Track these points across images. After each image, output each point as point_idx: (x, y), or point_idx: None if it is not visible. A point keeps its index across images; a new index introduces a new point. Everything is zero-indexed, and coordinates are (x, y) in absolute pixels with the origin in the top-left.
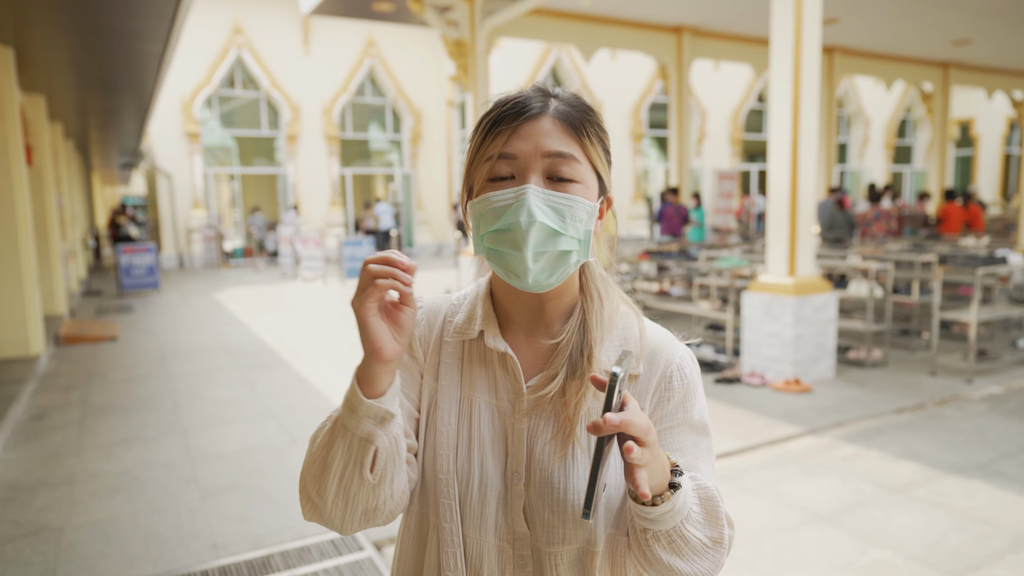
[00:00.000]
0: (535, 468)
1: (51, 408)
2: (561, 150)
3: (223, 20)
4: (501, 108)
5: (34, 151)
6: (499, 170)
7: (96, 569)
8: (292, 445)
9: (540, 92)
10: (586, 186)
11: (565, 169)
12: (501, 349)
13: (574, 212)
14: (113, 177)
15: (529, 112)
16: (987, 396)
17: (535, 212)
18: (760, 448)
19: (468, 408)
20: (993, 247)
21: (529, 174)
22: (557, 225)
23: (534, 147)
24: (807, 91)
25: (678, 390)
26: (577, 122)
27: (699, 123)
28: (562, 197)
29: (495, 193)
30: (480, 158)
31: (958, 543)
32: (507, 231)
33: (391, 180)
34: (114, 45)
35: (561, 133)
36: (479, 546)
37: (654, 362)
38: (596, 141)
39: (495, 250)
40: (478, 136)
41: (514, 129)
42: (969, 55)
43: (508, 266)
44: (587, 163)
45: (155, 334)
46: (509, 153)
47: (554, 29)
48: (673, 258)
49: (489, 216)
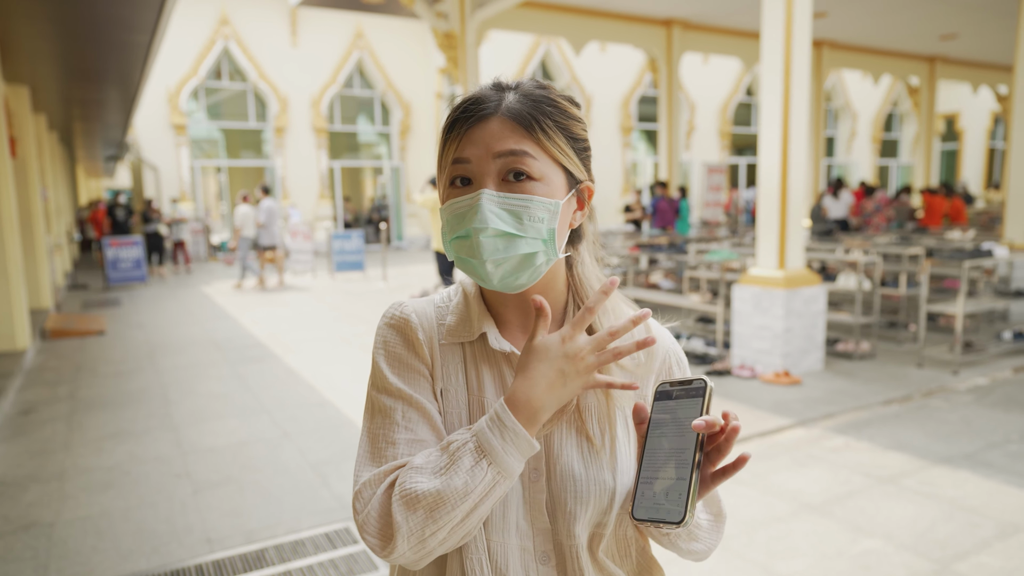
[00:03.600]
0: (554, 463)
1: (39, 403)
2: (512, 148)
3: (209, 11)
4: (456, 111)
5: (18, 143)
6: (456, 173)
7: (89, 564)
8: (284, 439)
9: (496, 89)
10: (546, 182)
11: (521, 166)
12: (507, 349)
13: (531, 212)
14: (98, 169)
15: (480, 113)
16: (973, 387)
17: (488, 218)
18: (751, 440)
19: (480, 411)
20: (979, 240)
21: (484, 178)
22: (514, 228)
23: (484, 149)
24: (797, 84)
25: (677, 373)
26: (528, 118)
27: (688, 116)
28: (517, 198)
29: (454, 200)
30: (443, 164)
31: (946, 532)
32: (466, 238)
33: (380, 173)
34: (100, 35)
35: (511, 132)
36: (503, 548)
37: (653, 355)
38: (554, 132)
39: (460, 258)
40: (440, 141)
41: (464, 133)
42: (955, 49)
43: (473, 272)
44: (546, 157)
45: (143, 328)
46: (462, 158)
47: (544, 21)
48: (663, 251)
49: (452, 223)
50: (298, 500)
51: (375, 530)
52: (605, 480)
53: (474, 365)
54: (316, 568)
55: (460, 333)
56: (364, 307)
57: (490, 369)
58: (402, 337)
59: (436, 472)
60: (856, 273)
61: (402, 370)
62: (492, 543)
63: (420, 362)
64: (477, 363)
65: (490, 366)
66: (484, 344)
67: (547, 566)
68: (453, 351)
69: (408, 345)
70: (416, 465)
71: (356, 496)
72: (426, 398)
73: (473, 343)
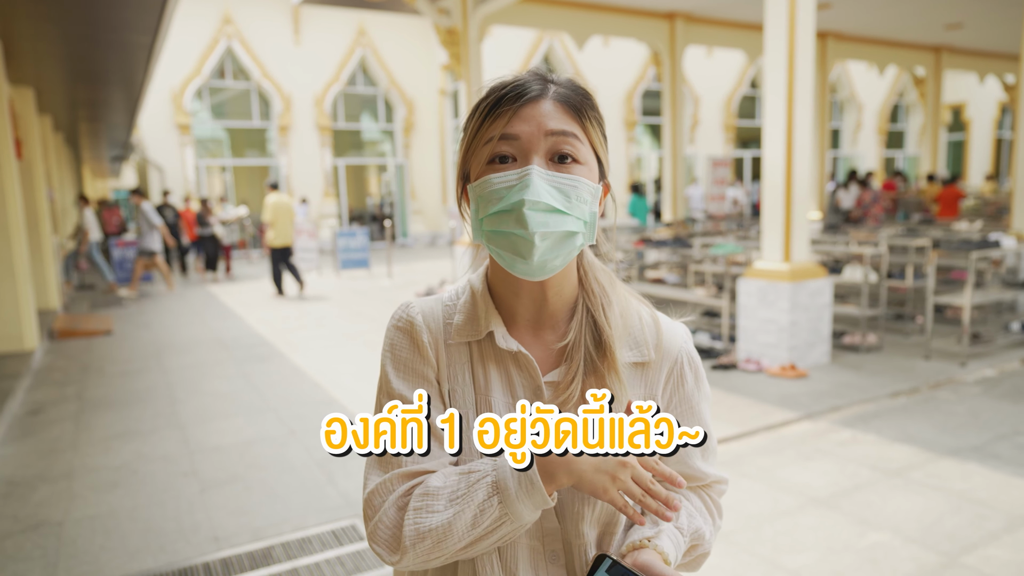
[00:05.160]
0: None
1: (47, 403)
2: (564, 128)
3: (212, 11)
4: (500, 91)
5: (23, 144)
6: (501, 150)
7: (97, 563)
8: (290, 437)
9: (538, 76)
10: (589, 168)
11: (568, 148)
12: (514, 348)
13: (579, 192)
14: (104, 170)
15: (529, 94)
16: (981, 379)
17: (540, 192)
18: (757, 434)
19: (487, 410)
20: (986, 231)
21: (532, 154)
22: (562, 205)
23: (537, 127)
24: (801, 76)
25: (689, 374)
26: (578, 104)
27: (692, 110)
28: (566, 178)
29: (497, 175)
30: (479, 141)
31: (954, 525)
32: (510, 211)
33: (384, 170)
34: (103, 36)
35: (563, 114)
36: (512, 548)
37: (662, 349)
38: (596, 125)
39: (498, 232)
40: (476, 120)
41: (515, 110)
42: (961, 39)
43: (513, 247)
44: (588, 144)
45: (150, 327)
46: (511, 134)
47: (547, 16)
48: (668, 245)
49: (491, 198)
50: (304, 498)
51: (384, 543)
52: None
53: (481, 364)
54: (323, 565)
55: (467, 332)
56: (369, 305)
57: (497, 368)
58: (408, 340)
59: (451, 500)
60: (862, 265)
61: (407, 375)
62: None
63: (426, 365)
64: (484, 362)
65: (497, 365)
66: (491, 343)
67: (556, 565)
68: (460, 350)
69: (414, 349)
70: (432, 489)
71: (366, 503)
72: (433, 406)
73: (481, 342)
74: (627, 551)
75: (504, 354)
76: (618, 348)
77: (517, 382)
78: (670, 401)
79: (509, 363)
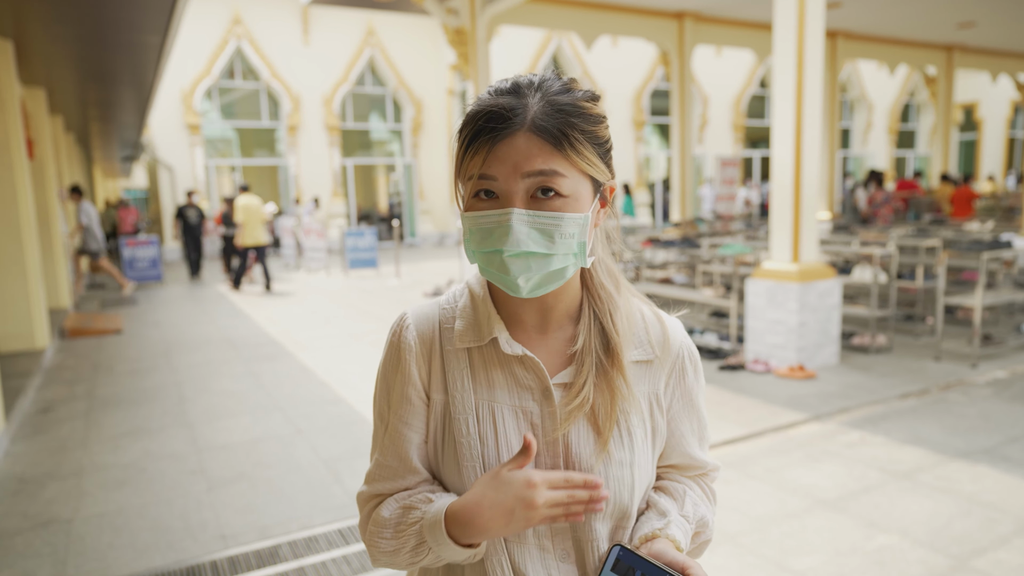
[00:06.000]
0: (572, 462)
1: (57, 401)
2: (542, 168)
3: (222, 11)
4: (476, 122)
5: (35, 144)
6: (482, 186)
7: (106, 560)
8: (297, 436)
9: (516, 94)
10: (575, 197)
11: (549, 184)
12: (519, 353)
13: (563, 229)
14: (114, 170)
15: (506, 129)
16: (992, 381)
17: (520, 240)
18: (765, 435)
19: (489, 415)
20: (997, 231)
21: (512, 196)
22: (545, 248)
23: (512, 168)
24: (811, 75)
25: (689, 367)
26: (557, 132)
27: (701, 110)
28: (548, 216)
29: (480, 213)
30: (463, 174)
31: (964, 528)
32: (495, 255)
33: (392, 170)
34: (113, 37)
35: (539, 150)
36: (521, 550)
37: (666, 347)
38: (582, 145)
39: (487, 270)
40: (459, 149)
41: (491, 149)
42: (973, 38)
43: (501, 282)
44: (575, 172)
45: (159, 326)
46: (488, 175)
47: (555, 16)
48: (677, 246)
49: (478, 235)
50: (311, 497)
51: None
52: (623, 476)
53: (483, 369)
54: (329, 564)
55: (469, 338)
56: (377, 304)
57: (502, 371)
58: (397, 361)
59: (394, 536)
60: (872, 266)
61: (389, 392)
62: (510, 544)
63: (411, 387)
64: (487, 367)
65: (502, 369)
66: (495, 348)
67: (567, 563)
68: (459, 356)
69: (401, 369)
70: (381, 520)
71: (357, 505)
72: (406, 423)
73: (483, 347)
74: (640, 543)
75: (509, 357)
76: (626, 352)
77: (524, 384)
78: (672, 395)
79: (515, 365)
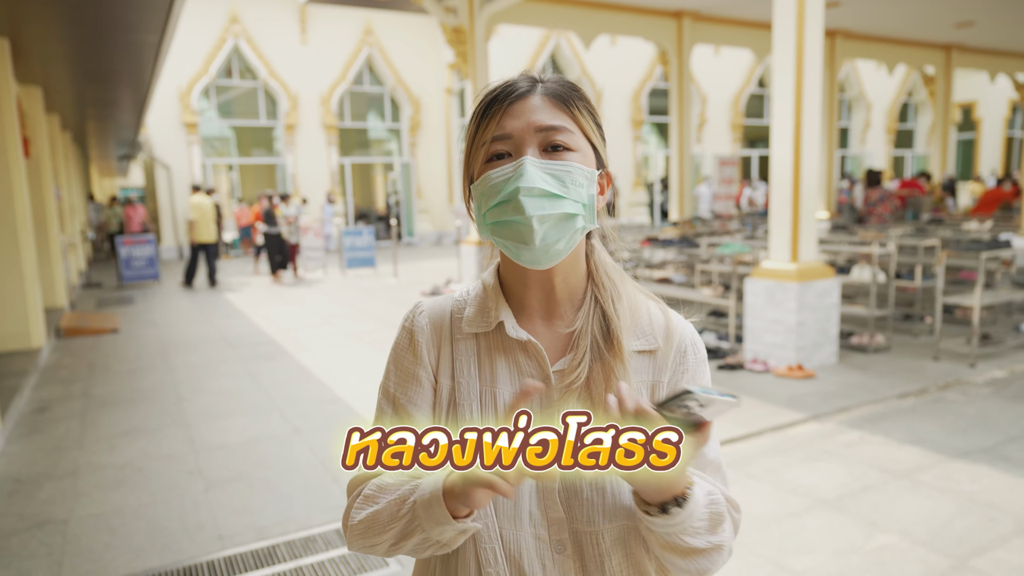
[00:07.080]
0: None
1: (53, 401)
2: (553, 123)
3: (219, 10)
4: (491, 94)
5: (31, 143)
6: (496, 149)
7: (102, 561)
8: (295, 436)
9: (527, 77)
10: (583, 154)
11: (559, 138)
12: (523, 338)
13: (573, 177)
14: (111, 169)
15: (517, 92)
16: (991, 380)
17: (534, 179)
18: (764, 434)
19: (492, 401)
20: (996, 231)
21: (525, 148)
22: (557, 189)
23: (526, 123)
24: (810, 75)
25: (692, 362)
26: (565, 96)
27: (699, 109)
28: (559, 164)
29: (494, 171)
30: (477, 144)
31: (963, 527)
32: (508, 201)
33: (390, 169)
34: (110, 35)
35: (551, 107)
36: (516, 538)
37: (670, 338)
38: (586, 114)
39: (499, 222)
40: (472, 126)
41: (505, 109)
42: (972, 37)
43: (515, 234)
44: (580, 133)
45: (156, 326)
46: (503, 133)
47: (553, 15)
48: (675, 245)
49: (490, 192)
50: (309, 497)
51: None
52: None
53: (488, 356)
54: (327, 564)
55: (477, 323)
56: (375, 304)
57: (505, 358)
58: (407, 340)
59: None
60: (870, 265)
61: (400, 376)
62: (504, 531)
63: (418, 366)
64: (492, 354)
65: (505, 355)
66: (501, 333)
67: (563, 555)
68: (467, 344)
69: (413, 350)
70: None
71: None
72: (413, 403)
73: (489, 334)
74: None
75: (513, 344)
76: (625, 337)
77: (525, 371)
78: (675, 385)
79: (518, 353)
